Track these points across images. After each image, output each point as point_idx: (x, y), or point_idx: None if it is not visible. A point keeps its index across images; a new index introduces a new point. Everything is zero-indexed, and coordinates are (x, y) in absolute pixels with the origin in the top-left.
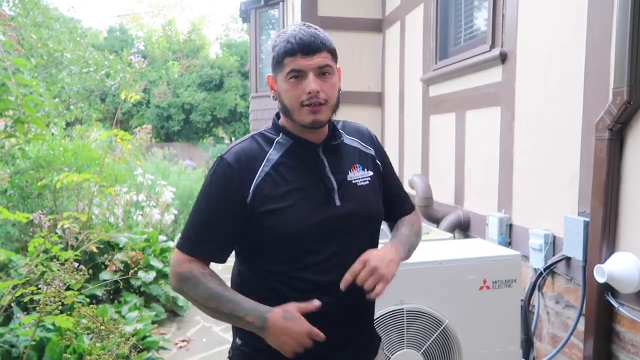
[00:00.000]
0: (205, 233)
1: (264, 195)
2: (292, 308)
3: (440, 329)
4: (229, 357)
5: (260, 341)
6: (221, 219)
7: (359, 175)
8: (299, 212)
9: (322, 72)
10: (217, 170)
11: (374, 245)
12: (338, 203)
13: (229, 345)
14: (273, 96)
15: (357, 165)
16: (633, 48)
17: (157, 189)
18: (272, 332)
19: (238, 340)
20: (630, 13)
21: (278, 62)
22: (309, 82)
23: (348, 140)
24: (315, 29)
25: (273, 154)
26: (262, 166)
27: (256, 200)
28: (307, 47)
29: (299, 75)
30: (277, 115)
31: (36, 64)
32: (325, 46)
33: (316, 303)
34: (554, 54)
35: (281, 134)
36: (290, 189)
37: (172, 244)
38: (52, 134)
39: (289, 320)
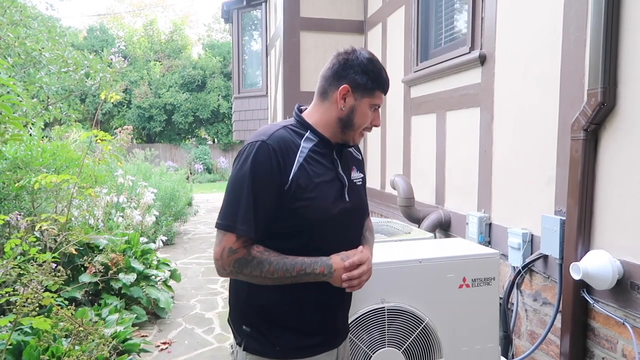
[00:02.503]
0: (254, 213)
1: (299, 183)
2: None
3: (420, 327)
4: (237, 344)
5: (272, 323)
6: (266, 200)
7: (356, 176)
8: (324, 203)
9: None
10: (261, 153)
11: (361, 235)
12: (347, 199)
13: (211, 347)
14: (342, 107)
15: (355, 167)
16: (607, 50)
17: (138, 190)
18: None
19: (246, 327)
20: (604, 17)
21: (370, 89)
22: (378, 116)
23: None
24: None
25: (305, 147)
26: (297, 156)
27: (292, 187)
28: (388, 87)
29: (377, 108)
30: (299, 110)
31: (13, 63)
32: None
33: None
34: (531, 56)
35: (309, 131)
36: (319, 181)
37: (153, 246)
38: (30, 135)
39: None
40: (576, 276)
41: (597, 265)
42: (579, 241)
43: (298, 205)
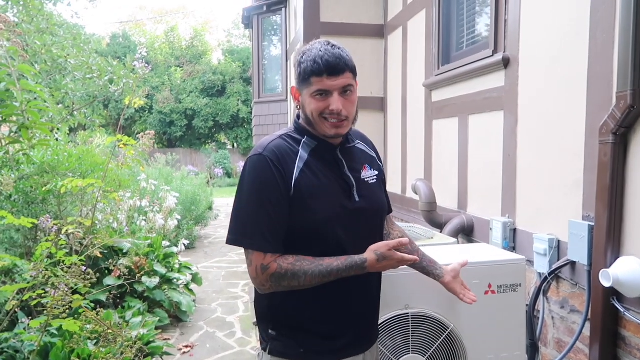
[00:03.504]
0: (272, 226)
1: (301, 189)
2: (383, 248)
3: (445, 334)
4: (262, 349)
5: (296, 327)
6: (279, 210)
7: (369, 174)
8: (329, 205)
9: (345, 91)
10: (259, 166)
11: (382, 234)
12: (357, 199)
13: (232, 351)
14: (297, 106)
15: (367, 165)
16: (636, 52)
17: (160, 195)
18: (372, 270)
19: (272, 332)
20: (633, 17)
21: (305, 79)
22: (334, 100)
23: (356, 143)
24: (339, 49)
25: (303, 153)
26: (296, 162)
27: (296, 193)
28: (332, 68)
29: (323, 94)
30: (298, 117)
31: (40, 70)
32: (348, 67)
33: (404, 240)
34: (556, 59)
35: (306, 136)
36: (321, 184)
37: (175, 249)
38: (56, 140)
39: (382, 261)
40: (606, 283)
41: (628, 272)
42: (609, 247)
43: (303, 211)
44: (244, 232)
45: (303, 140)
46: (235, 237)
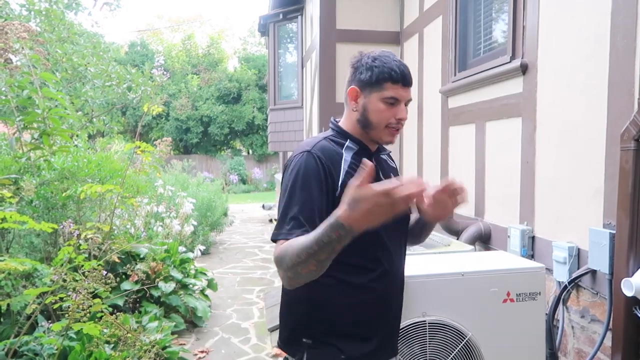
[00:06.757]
0: (313, 221)
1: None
2: (351, 192)
3: (463, 342)
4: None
5: (335, 332)
6: (319, 206)
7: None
8: None
9: (406, 104)
10: (308, 163)
11: (406, 241)
12: None
13: (247, 357)
14: (354, 108)
15: (391, 174)
16: None
17: (177, 200)
18: (357, 226)
19: (306, 340)
20: None
21: (377, 83)
22: (401, 110)
23: (382, 154)
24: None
25: (347, 156)
26: (342, 164)
27: (342, 193)
28: (407, 80)
29: (394, 102)
30: (336, 121)
31: (61, 78)
32: (412, 84)
33: (369, 163)
34: (576, 65)
35: (348, 140)
36: None
37: (191, 255)
38: (76, 146)
39: (355, 206)
40: (628, 292)
41: None
42: (631, 255)
43: None
44: (279, 226)
45: (346, 143)
46: (278, 232)
